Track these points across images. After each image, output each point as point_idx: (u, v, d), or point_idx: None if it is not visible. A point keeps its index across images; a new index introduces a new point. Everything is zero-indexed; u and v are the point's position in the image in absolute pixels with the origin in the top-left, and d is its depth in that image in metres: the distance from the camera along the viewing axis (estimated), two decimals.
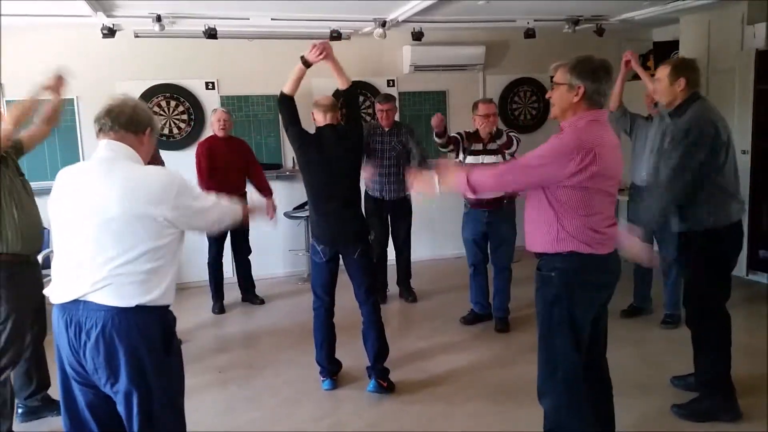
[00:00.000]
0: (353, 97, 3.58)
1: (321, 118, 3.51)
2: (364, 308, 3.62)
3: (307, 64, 3.37)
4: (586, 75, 2.30)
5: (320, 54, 3.31)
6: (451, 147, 4.45)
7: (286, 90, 3.44)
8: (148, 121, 2.16)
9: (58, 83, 3.26)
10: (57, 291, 2.04)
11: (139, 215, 1.97)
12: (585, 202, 2.31)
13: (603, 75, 2.33)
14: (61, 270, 2.06)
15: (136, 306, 1.98)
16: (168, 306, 2.11)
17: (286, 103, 3.47)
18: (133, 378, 2.00)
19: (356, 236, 3.55)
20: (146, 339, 2.01)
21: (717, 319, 3.12)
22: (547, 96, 2.53)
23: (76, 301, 1.99)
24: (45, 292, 2.11)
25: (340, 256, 3.59)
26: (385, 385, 3.57)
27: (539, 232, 2.42)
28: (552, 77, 2.42)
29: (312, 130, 3.55)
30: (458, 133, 4.45)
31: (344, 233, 3.53)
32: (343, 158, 3.47)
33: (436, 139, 4.45)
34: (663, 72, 3.10)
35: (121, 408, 2.06)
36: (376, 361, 3.59)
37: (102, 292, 1.96)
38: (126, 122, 2.09)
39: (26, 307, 3.07)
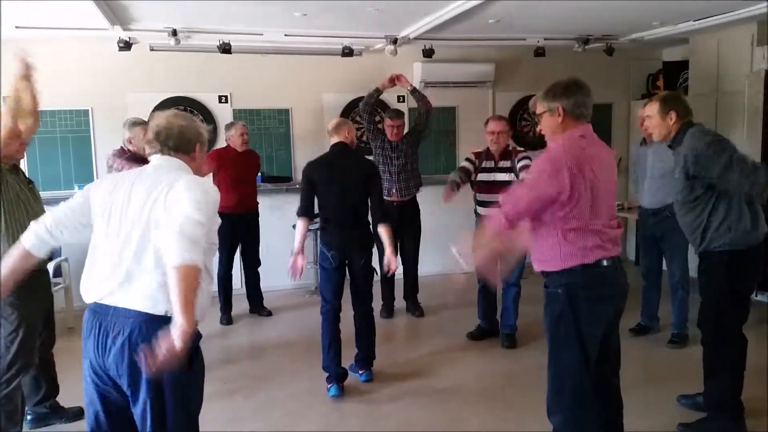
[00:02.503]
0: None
1: (333, 138, 3.79)
2: (359, 312, 3.88)
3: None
4: (560, 94, 2.44)
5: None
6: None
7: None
8: (197, 138, 2.20)
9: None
10: (88, 290, 2.08)
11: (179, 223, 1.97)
12: (583, 211, 2.36)
13: (575, 89, 2.44)
14: (96, 268, 2.08)
15: (165, 316, 1.96)
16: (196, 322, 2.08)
17: None
18: (154, 387, 2.01)
19: (362, 245, 3.82)
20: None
21: (733, 341, 3.11)
22: (538, 130, 2.64)
23: (106, 306, 2.02)
24: (80, 290, 2.13)
25: (347, 263, 3.79)
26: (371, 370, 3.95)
27: (544, 250, 2.45)
28: (534, 112, 2.56)
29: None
30: (468, 159, 4.50)
31: (353, 241, 3.77)
32: (353, 172, 3.74)
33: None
34: (652, 109, 3.18)
35: (137, 415, 2.07)
36: (366, 356, 3.91)
37: (133, 294, 1.98)
38: (175, 145, 2.14)
39: (37, 315, 3.12)
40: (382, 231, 3.75)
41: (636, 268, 4.96)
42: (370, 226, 3.86)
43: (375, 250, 4.04)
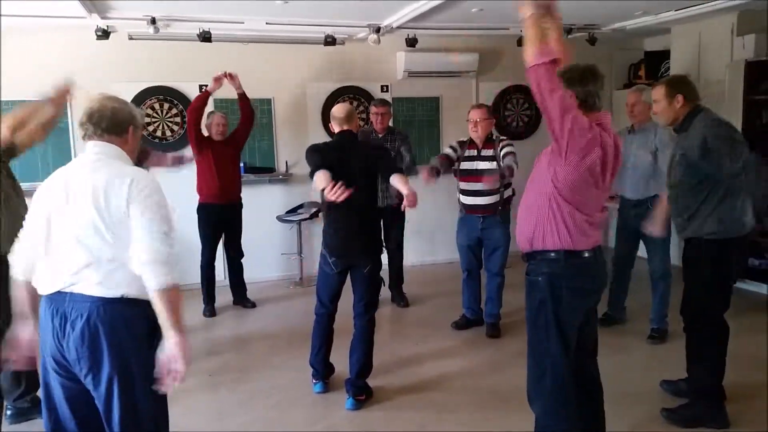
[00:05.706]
0: None
1: (337, 128, 3.49)
2: (358, 321, 3.58)
3: None
4: (574, 81, 2.40)
5: None
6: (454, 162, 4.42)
7: None
8: (130, 120, 2.20)
9: (62, 95, 3.17)
10: (43, 282, 2.08)
11: (120, 212, 2.00)
12: (580, 192, 2.36)
13: (590, 78, 2.42)
14: (48, 261, 2.09)
15: (122, 297, 2.01)
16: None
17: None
18: (116, 367, 2.03)
19: (368, 252, 3.50)
20: (130, 331, 2.05)
21: (716, 328, 3.15)
22: None
23: (62, 293, 2.03)
24: (32, 282, 2.13)
25: (350, 269, 3.54)
26: (363, 398, 3.53)
27: (531, 223, 2.45)
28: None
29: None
30: (451, 147, 4.46)
31: (356, 247, 3.47)
32: (358, 167, 3.37)
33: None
34: (659, 92, 3.14)
35: (100, 400, 2.07)
36: (357, 378, 3.54)
37: (88, 283, 2.00)
38: (108, 126, 2.13)
39: (8, 307, 3.06)
40: (396, 179, 3.24)
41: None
42: (381, 232, 3.56)
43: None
